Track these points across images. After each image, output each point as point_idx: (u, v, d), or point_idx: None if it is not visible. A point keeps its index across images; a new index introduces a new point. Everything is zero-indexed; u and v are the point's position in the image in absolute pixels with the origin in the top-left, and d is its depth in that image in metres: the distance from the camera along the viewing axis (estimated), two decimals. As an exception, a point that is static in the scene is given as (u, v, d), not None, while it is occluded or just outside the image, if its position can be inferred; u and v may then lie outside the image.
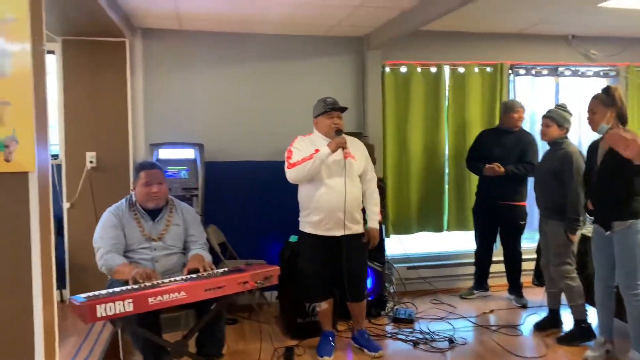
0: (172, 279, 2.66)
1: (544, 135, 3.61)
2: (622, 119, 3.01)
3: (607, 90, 3.06)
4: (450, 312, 4.14)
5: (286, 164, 3.24)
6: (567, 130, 3.60)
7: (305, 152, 3.18)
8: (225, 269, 2.94)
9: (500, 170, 4.10)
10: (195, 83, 4.33)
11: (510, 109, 4.28)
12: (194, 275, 2.74)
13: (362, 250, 3.35)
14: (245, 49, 4.41)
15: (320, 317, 3.47)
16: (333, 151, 3.13)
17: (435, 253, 4.95)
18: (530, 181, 4.06)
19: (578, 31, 4.83)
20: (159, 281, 2.63)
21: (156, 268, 2.89)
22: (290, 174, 3.22)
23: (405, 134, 4.66)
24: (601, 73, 5.06)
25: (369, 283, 3.84)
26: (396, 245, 4.70)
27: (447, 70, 4.73)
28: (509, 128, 4.28)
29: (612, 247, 3.04)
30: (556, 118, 3.55)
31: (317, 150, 3.14)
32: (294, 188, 3.37)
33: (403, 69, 4.63)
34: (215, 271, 2.81)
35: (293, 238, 3.91)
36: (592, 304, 3.38)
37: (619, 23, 4.49)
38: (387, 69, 4.61)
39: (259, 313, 4.15)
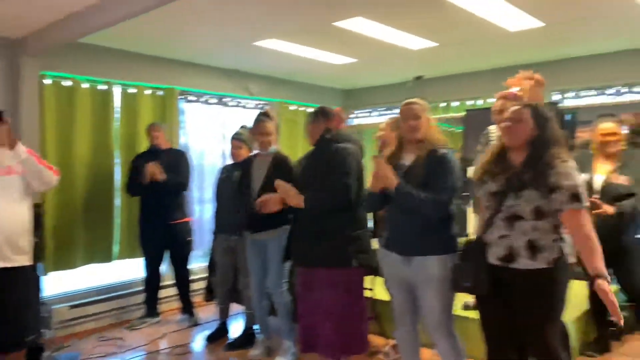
0: None
1: (238, 156, 3.79)
2: None
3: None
4: (119, 347, 3.84)
5: None
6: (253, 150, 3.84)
7: None
8: None
9: (156, 172, 3.99)
10: None
11: (147, 130, 4.31)
12: None
13: (23, 288, 2.85)
14: None
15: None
16: None
17: (103, 286, 4.50)
18: (199, 200, 4.18)
19: (238, 66, 5.37)
20: None
21: None
22: None
23: (69, 155, 4.20)
24: (259, 106, 5.75)
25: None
26: (56, 283, 4.15)
27: (117, 89, 4.54)
28: (159, 147, 4.26)
29: (263, 253, 3.39)
30: (246, 140, 3.82)
31: None
32: None
33: (66, 83, 4.20)
34: None
35: None
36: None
37: (270, 62, 5.21)
38: (48, 81, 4.09)
39: None
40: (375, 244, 3.56)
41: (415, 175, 2.38)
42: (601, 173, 3.28)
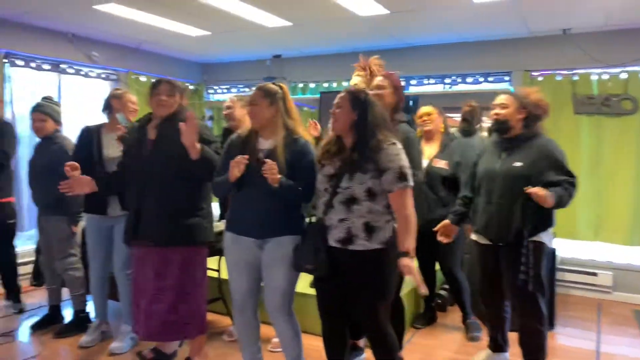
0: None
1: (40, 130, 3.44)
2: None
3: None
4: None
5: None
6: (61, 124, 3.56)
7: None
8: None
9: None
10: None
11: None
12: None
13: None
14: None
15: None
16: None
17: None
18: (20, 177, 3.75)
19: (79, 31, 4.90)
20: None
21: None
22: None
23: None
24: (103, 75, 5.31)
25: None
26: None
27: None
28: None
29: (109, 237, 3.18)
30: (51, 113, 3.46)
31: None
32: None
33: None
34: None
35: None
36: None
37: (116, 30, 4.84)
38: None
39: None
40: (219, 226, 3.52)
41: (280, 162, 2.33)
42: (425, 157, 3.47)
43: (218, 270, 3.58)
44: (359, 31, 4.88)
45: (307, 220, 2.48)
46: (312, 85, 6.03)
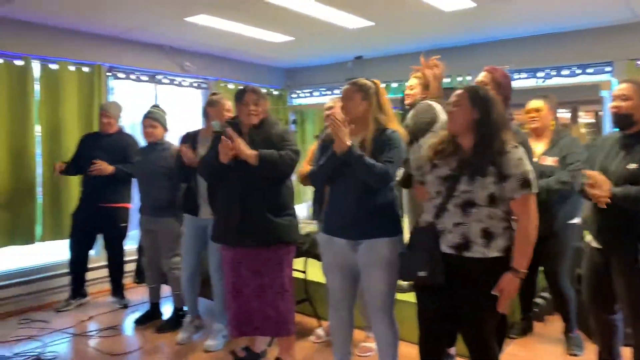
0: None
1: (150, 136, 3.67)
2: None
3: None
4: (41, 329, 3.72)
5: None
6: (168, 130, 3.80)
7: None
8: None
9: (106, 168, 3.94)
10: None
11: (99, 113, 4.22)
12: None
13: None
14: None
15: None
16: None
17: (24, 268, 4.32)
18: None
19: (173, 42, 5.20)
20: None
21: None
22: None
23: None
24: (195, 84, 5.59)
25: None
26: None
27: (37, 65, 4.29)
28: (105, 132, 4.18)
29: (204, 235, 3.32)
30: (161, 120, 3.71)
31: None
32: None
33: (-21, 57, 3.95)
34: None
35: None
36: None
37: (206, 40, 5.07)
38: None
39: None
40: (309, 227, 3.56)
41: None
42: (534, 156, 3.17)
43: (304, 272, 3.62)
44: (443, 27, 4.73)
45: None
46: (394, 85, 5.94)
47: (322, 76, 6.49)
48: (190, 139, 3.42)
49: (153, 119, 3.68)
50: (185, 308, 3.70)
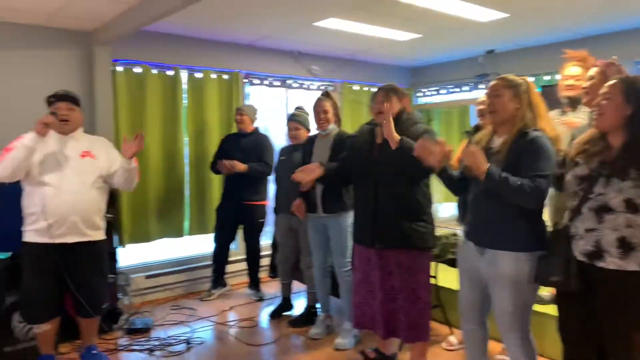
0: None
1: (294, 138, 3.85)
2: None
3: None
4: (189, 316, 4.09)
5: None
6: (310, 131, 3.91)
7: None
8: None
9: (238, 166, 4.19)
10: None
11: (236, 114, 4.50)
12: None
13: (100, 259, 3.04)
14: None
15: (40, 340, 3.00)
16: (38, 132, 2.72)
17: (176, 259, 4.83)
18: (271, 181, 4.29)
19: (301, 47, 5.39)
20: None
21: None
22: None
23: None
24: (322, 87, 5.74)
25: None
26: (134, 255, 4.47)
27: (185, 74, 4.73)
28: (245, 132, 4.47)
29: (326, 232, 3.42)
30: (303, 122, 3.87)
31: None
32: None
33: (137, 70, 4.44)
34: None
35: (1, 255, 3.35)
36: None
37: (333, 43, 5.18)
38: (120, 68, 4.35)
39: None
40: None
41: (499, 160, 2.14)
42: None
43: (435, 277, 3.53)
44: (585, 14, 4.31)
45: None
46: (531, 79, 5.54)
47: (449, 73, 6.28)
48: (309, 142, 3.55)
49: (296, 121, 3.85)
50: (317, 306, 3.82)
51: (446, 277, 3.54)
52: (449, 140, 4.31)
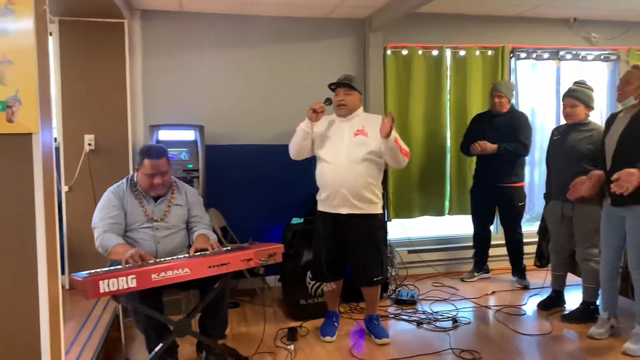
0: (174, 258, 2.65)
1: (569, 116, 3.48)
2: None
3: None
4: (452, 294, 4.13)
5: None
6: (593, 109, 3.51)
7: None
8: (229, 247, 2.91)
9: (487, 147, 4.03)
10: (195, 65, 4.28)
11: (491, 92, 4.26)
12: (197, 254, 2.72)
13: (372, 232, 3.24)
14: (246, 30, 4.36)
15: (326, 297, 3.45)
16: (309, 118, 3.11)
17: (436, 237, 4.95)
18: (529, 162, 3.99)
19: (579, 14, 4.81)
20: (158, 260, 2.61)
21: (158, 249, 2.87)
22: (289, 151, 3.30)
23: (406, 117, 4.63)
24: (602, 57, 5.03)
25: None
26: (398, 229, 4.69)
27: (448, 53, 4.71)
28: (497, 111, 4.22)
29: (623, 228, 3.01)
30: (582, 97, 3.45)
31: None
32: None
33: (404, 52, 4.60)
34: (219, 249, 2.78)
35: (295, 220, 3.90)
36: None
37: (621, 6, 4.47)
38: (389, 52, 4.56)
39: (261, 296, 4.12)
40: None
41: None
42: None
43: None
44: None
45: None
46: None
47: None
48: (610, 119, 3.12)
49: (574, 97, 3.46)
50: (598, 303, 3.43)
51: None
52: None
